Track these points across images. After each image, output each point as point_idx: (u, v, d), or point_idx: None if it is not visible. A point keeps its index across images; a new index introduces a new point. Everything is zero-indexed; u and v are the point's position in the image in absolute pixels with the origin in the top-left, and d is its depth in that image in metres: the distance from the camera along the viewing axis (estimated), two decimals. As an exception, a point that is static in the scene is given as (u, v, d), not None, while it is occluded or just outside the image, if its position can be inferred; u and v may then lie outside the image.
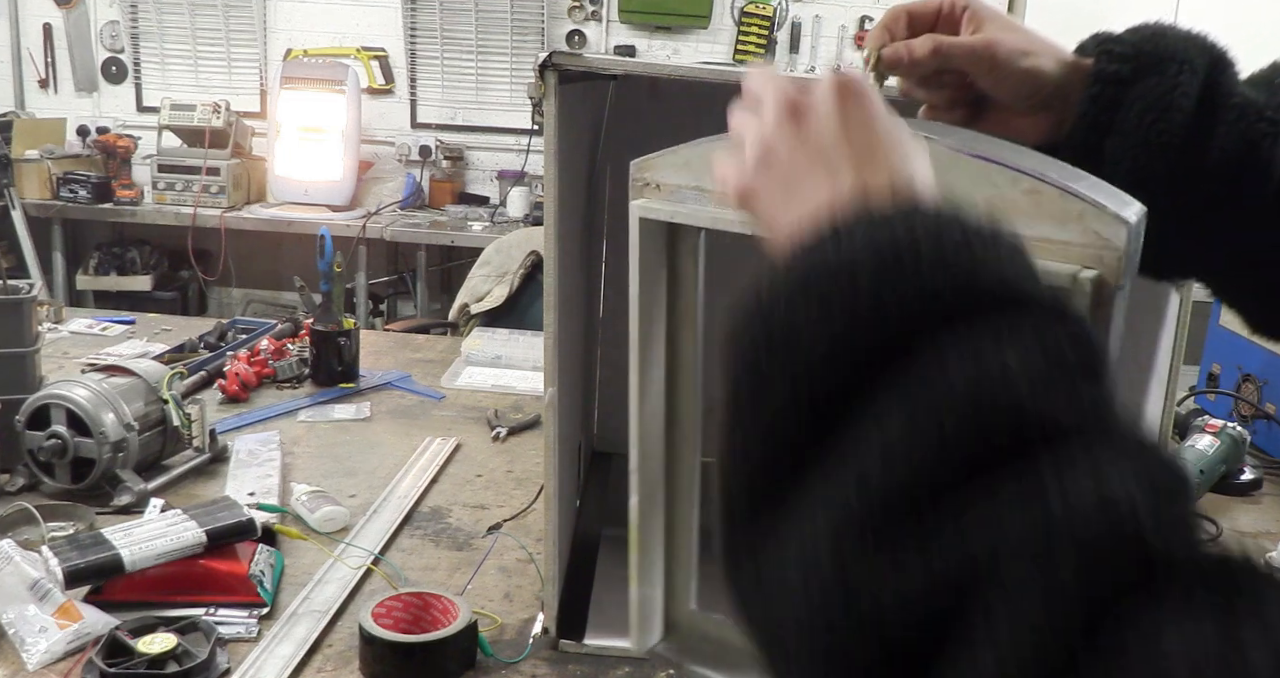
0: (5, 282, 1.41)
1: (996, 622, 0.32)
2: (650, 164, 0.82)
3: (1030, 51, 0.72)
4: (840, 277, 0.40)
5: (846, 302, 0.39)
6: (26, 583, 1.04)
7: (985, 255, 0.40)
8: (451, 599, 1.06)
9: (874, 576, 0.35)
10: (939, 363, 0.37)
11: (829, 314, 0.40)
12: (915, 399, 0.37)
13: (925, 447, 0.36)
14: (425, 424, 1.76)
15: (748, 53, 4.47)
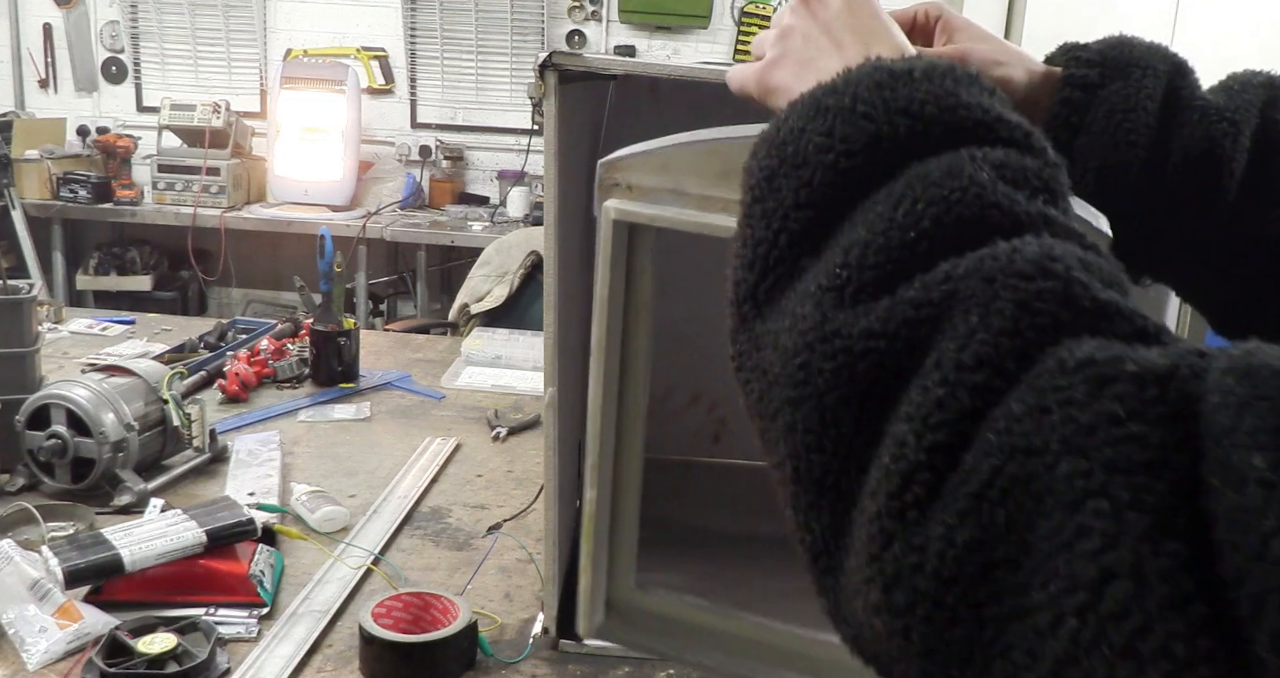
0: (5, 282, 1.41)
1: (943, 349, 0.37)
2: (621, 164, 0.81)
3: (1001, 61, 0.75)
4: (841, 92, 0.47)
5: (845, 112, 0.46)
6: (26, 583, 1.04)
7: (971, 92, 0.46)
8: (451, 599, 1.06)
9: (846, 320, 0.40)
10: (923, 171, 0.43)
11: (830, 123, 0.46)
12: (900, 196, 0.42)
13: (904, 230, 0.41)
14: (425, 424, 1.76)
15: (748, 53, 4.47)
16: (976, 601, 0.34)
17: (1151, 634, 0.29)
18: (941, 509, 0.35)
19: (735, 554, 1.33)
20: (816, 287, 0.43)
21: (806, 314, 0.42)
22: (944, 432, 0.36)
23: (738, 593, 1.22)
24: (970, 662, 0.34)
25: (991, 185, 0.42)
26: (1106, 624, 0.30)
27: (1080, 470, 0.32)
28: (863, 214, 0.43)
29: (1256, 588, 0.28)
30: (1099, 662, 0.30)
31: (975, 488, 0.34)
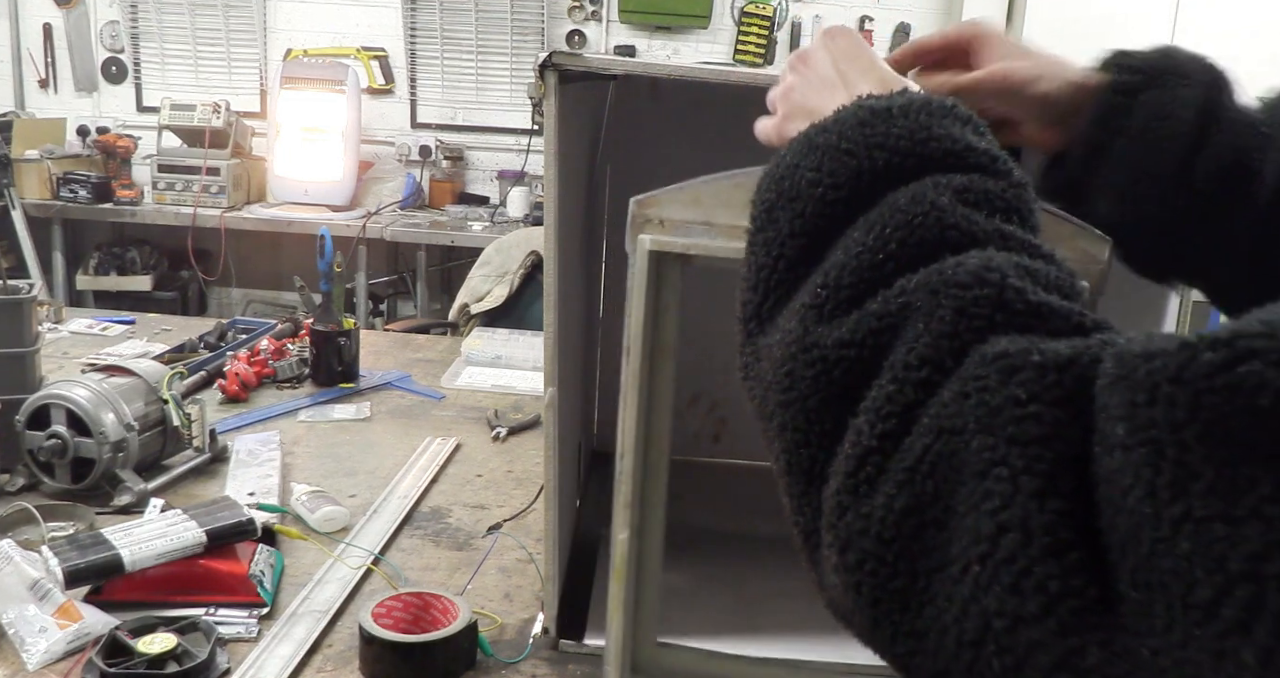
0: (5, 282, 1.41)
1: (896, 353, 0.44)
2: (654, 201, 0.86)
3: (1042, 76, 0.80)
4: (830, 131, 0.53)
5: (832, 149, 0.52)
6: (26, 583, 1.04)
7: (944, 124, 0.52)
8: (451, 599, 1.06)
9: (823, 333, 0.47)
10: (893, 199, 0.49)
11: (819, 160, 0.52)
12: (872, 223, 0.49)
13: (874, 253, 0.48)
14: (425, 424, 1.76)
15: (748, 53, 4.47)
16: (911, 557, 0.40)
17: (1032, 575, 0.35)
18: (884, 483, 0.41)
19: (735, 554, 1.34)
20: (801, 305, 0.49)
21: (792, 328, 0.48)
22: (893, 421, 0.42)
23: (734, 590, 1.23)
24: (907, 608, 0.40)
25: (951, 208, 0.48)
26: (999, 568, 0.36)
27: (988, 445, 0.38)
28: (843, 240, 0.50)
29: (1119, 536, 0.34)
30: (992, 599, 0.36)
31: (910, 463, 0.41)
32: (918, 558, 0.40)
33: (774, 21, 4.47)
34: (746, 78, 1.00)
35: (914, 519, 0.40)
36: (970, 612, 0.37)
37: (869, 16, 4.49)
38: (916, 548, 0.40)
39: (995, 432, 0.38)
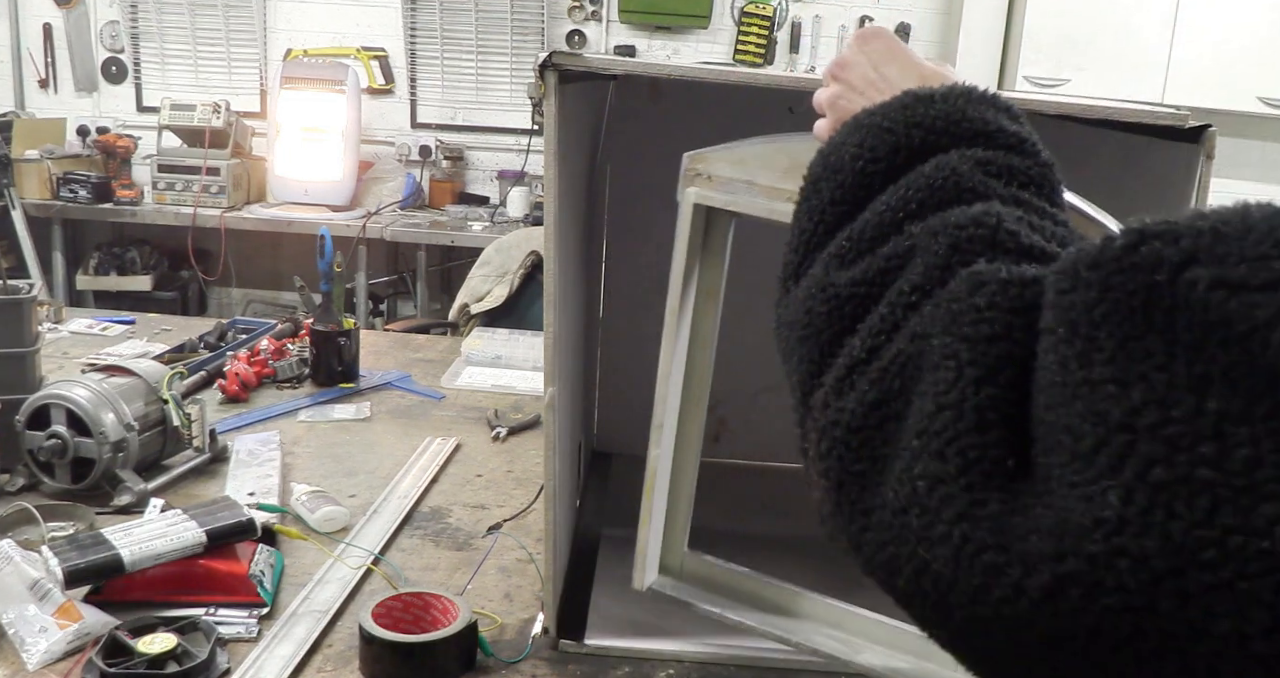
0: (5, 282, 1.41)
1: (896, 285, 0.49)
2: (704, 157, 0.94)
3: None
4: (875, 113, 0.58)
5: (875, 128, 0.57)
6: (26, 583, 1.04)
7: (979, 109, 0.57)
8: (451, 599, 1.06)
9: (839, 274, 0.52)
10: (922, 168, 0.54)
11: (863, 137, 0.57)
12: (899, 187, 0.54)
13: (895, 211, 0.52)
14: (425, 424, 1.76)
15: (748, 53, 4.47)
16: (873, 444, 0.45)
17: (955, 444, 0.41)
18: (861, 382, 0.47)
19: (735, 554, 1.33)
20: (826, 254, 0.54)
21: (815, 274, 0.54)
22: (881, 338, 0.47)
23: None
24: (865, 488, 0.45)
25: (970, 174, 0.53)
26: (931, 439, 0.42)
27: (946, 343, 0.43)
28: (873, 203, 0.55)
29: (1038, 413, 0.39)
30: (920, 465, 0.42)
31: (885, 363, 0.46)
32: (878, 445, 0.45)
33: (774, 21, 4.47)
34: (746, 78, 1.00)
35: (880, 411, 0.45)
36: (903, 480, 0.43)
37: (869, 17, 4.48)
38: (879, 437, 0.45)
39: (953, 332, 0.43)
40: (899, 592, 0.44)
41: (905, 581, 0.43)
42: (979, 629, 0.39)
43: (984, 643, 0.40)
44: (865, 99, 0.68)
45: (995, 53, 4.30)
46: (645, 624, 1.14)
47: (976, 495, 0.39)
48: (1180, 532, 0.32)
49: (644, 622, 1.14)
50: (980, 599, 0.38)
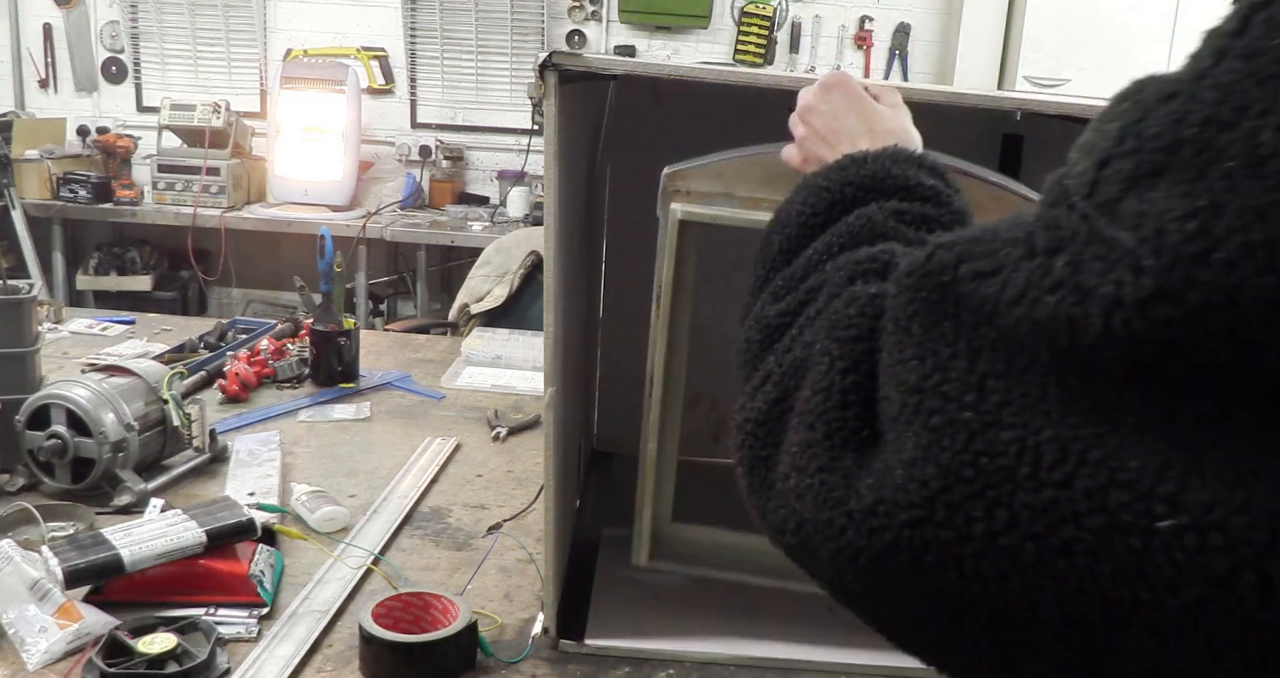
0: (5, 282, 1.41)
1: (808, 311, 0.57)
2: (682, 173, 1.03)
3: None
4: (819, 176, 0.70)
5: (817, 188, 0.68)
6: (26, 583, 1.04)
7: (902, 167, 0.68)
8: (451, 599, 1.06)
9: (771, 308, 0.61)
10: (845, 220, 0.64)
11: (806, 196, 0.68)
12: (828, 234, 0.63)
13: (820, 255, 0.62)
14: (425, 424, 1.76)
15: (748, 53, 4.47)
16: (774, 433, 0.54)
17: (823, 417, 0.49)
18: (767, 386, 0.56)
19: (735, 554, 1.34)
20: (766, 293, 0.63)
21: (756, 310, 0.63)
22: (787, 353, 0.56)
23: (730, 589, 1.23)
24: (769, 470, 0.53)
25: (884, 221, 0.63)
26: (806, 416, 0.51)
27: (824, 345, 0.52)
28: (806, 249, 0.64)
29: (885, 388, 0.47)
30: (799, 436, 0.51)
31: (785, 368, 0.55)
32: (777, 434, 0.53)
33: (774, 21, 4.47)
34: (746, 78, 1.00)
35: (779, 406, 0.54)
36: (785, 452, 0.52)
37: (869, 16, 4.48)
38: (778, 427, 0.54)
39: (830, 336, 0.52)
40: (789, 549, 0.52)
41: (790, 535, 0.51)
42: (840, 567, 0.47)
43: (848, 583, 0.48)
44: (825, 144, 0.82)
45: (995, 53, 4.30)
46: (645, 624, 1.14)
47: (836, 455, 0.48)
48: (948, 459, 0.41)
49: (644, 622, 1.14)
50: (832, 535, 0.46)
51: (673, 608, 1.19)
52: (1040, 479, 0.39)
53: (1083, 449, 0.38)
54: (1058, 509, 0.39)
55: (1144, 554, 0.37)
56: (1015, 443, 0.40)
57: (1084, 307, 0.38)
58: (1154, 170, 0.38)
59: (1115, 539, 0.37)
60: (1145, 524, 0.37)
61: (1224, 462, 0.36)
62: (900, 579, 0.43)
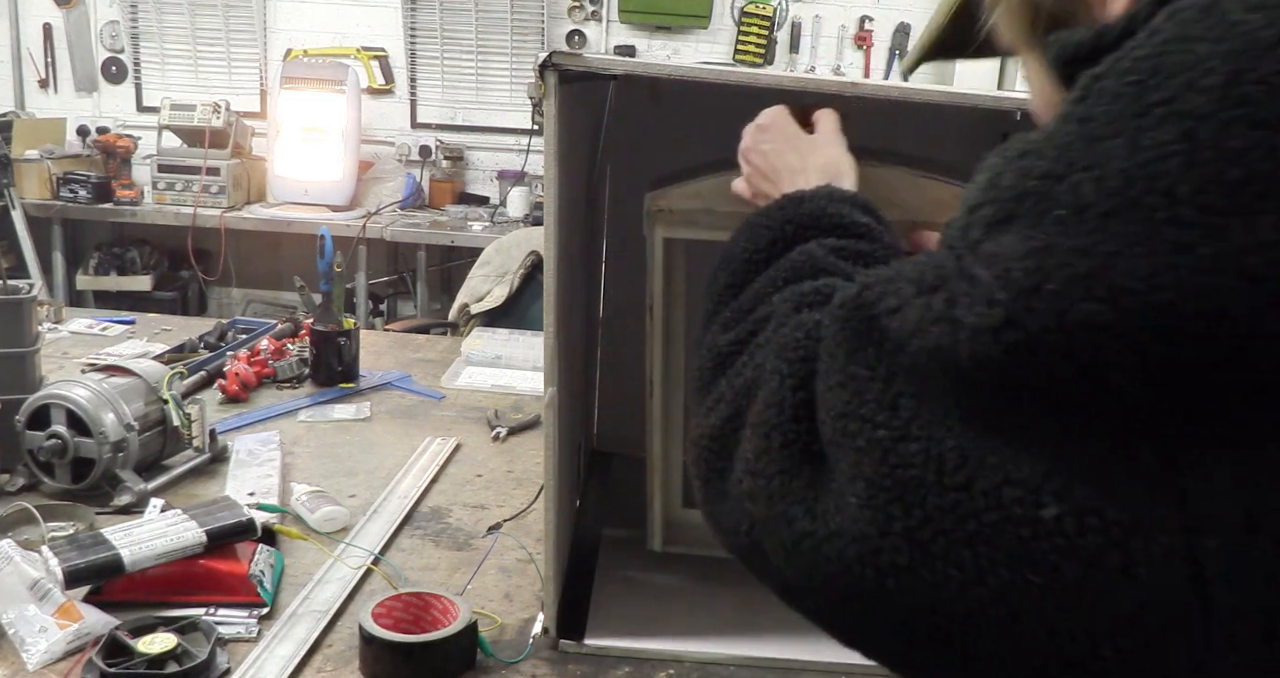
0: (5, 282, 1.41)
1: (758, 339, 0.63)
2: (664, 195, 1.11)
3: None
4: (760, 215, 0.77)
5: (760, 226, 0.75)
6: (26, 583, 1.04)
7: (837, 206, 0.75)
8: (451, 599, 1.06)
9: (721, 337, 0.67)
10: (789, 256, 0.70)
11: (750, 235, 0.75)
12: (772, 269, 0.70)
13: (767, 288, 0.68)
14: (425, 424, 1.76)
15: (748, 53, 4.47)
16: (728, 446, 0.59)
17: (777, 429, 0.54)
18: (720, 405, 0.61)
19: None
20: (716, 324, 0.69)
21: (707, 340, 0.68)
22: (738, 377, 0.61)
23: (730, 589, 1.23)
24: (723, 479, 0.59)
25: (824, 257, 0.69)
26: (759, 427, 0.56)
27: (775, 365, 0.57)
28: (753, 282, 0.70)
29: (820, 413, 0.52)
30: (751, 446, 0.56)
31: (737, 388, 0.61)
32: (731, 447, 0.59)
33: (774, 21, 4.47)
34: (746, 78, 1.00)
35: (732, 423, 0.59)
36: (739, 460, 0.57)
37: (869, 16, 4.48)
38: (732, 440, 0.59)
39: (780, 357, 0.57)
40: (741, 550, 0.58)
41: (742, 535, 0.57)
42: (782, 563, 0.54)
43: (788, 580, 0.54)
44: (768, 181, 0.88)
45: (995, 53, 4.29)
46: (645, 624, 1.14)
47: (789, 466, 0.53)
48: (870, 472, 0.47)
49: (644, 622, 1.14)
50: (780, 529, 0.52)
51: (673, 608, 1.19)
52: (944, 483, 0.45)
53: (980, 456, 0.44)
54: (960, 508, 0.44)
55: (1032, 541, 0.42)
56: (921, 454, 0.45)
57: (955, 336, 0.44)
58: (1006, 217, 0.44)
59: (1008, 530, 0.43)
60: (1033, 514, 0.42)
61: (1096, 464, 0.42)
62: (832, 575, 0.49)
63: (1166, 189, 0.39)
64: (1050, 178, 0.42)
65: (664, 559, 1.31)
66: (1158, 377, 0.40)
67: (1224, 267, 0.38)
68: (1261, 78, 0.38)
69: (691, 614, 1.17)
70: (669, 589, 1.25)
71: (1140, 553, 0.40)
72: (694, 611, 1.18)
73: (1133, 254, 0.39)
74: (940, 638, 0.46)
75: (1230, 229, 0.38)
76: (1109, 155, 0.41)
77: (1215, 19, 0.41)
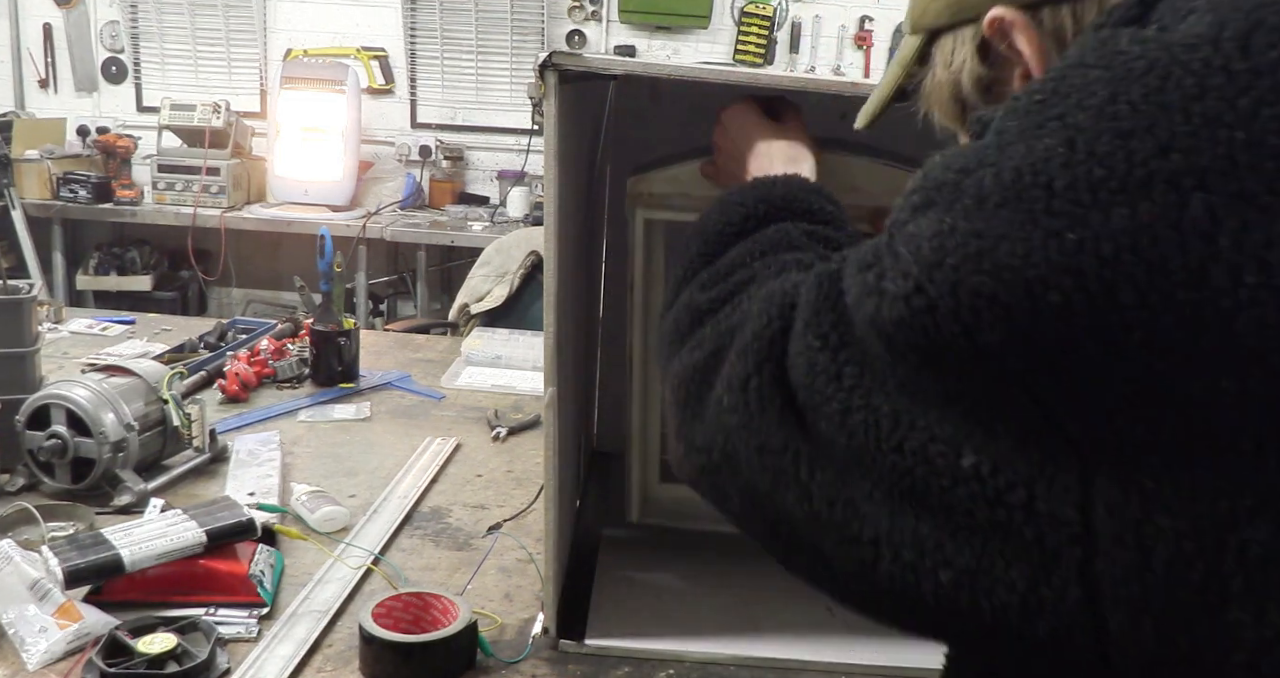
0: (5, 282, 1.41)
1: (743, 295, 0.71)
2: (644, 178, 1.18)
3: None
4: (733, 193, 0.86)
5: (734, 204, 0.84)
6: (26, 583, 1.04)
7: (806, 194, 0.85)
8: (451, 599, 1.06)
9: (702, 295, 0.75)
10: (765, 230, 0.80)
11: (723, 210, 0.84)
12: (749, 241, 0.79)
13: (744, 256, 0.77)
14: (425, 424, 1.76)
15: (748, 53, 4.47)
16: (710, 374, 0.67)
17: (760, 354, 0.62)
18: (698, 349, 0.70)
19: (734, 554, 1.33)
20: (693, 286, 0.77)
21: (683, 299, 0.77)
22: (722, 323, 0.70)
23: (730, 589, 1.23)
24: (701, 400, 0.67)
25: (799, 237, 0.78)
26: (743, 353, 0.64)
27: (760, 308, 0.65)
28: (730, 251, 0.79)
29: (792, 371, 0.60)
30: (738, 368, 0.64)
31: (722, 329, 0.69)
32: (712, 374, 0.67)
33: (774, 21, 4.47)
34: (746, 78, 1.00)
35: (716, 357, 0.68)
36: (721, 381, 0.65)
37: (869, 16, 4.48)
38: (714, 369, 0.67)
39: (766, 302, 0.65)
40: (711, 467, 0.65)
41: (716, 452, 0.64)
42: (760, 472, 0.60)
43: (757, 483, 0.61)
44: (734, 163, 0.98)
45: (995, 53, 4.29)
46: (645, 624, 1.14)
47: (764, 379, 0.61)
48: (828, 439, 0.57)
49: (644, 622, 1.14)
50: (750, 438, 0.61)
51: (673, 608, 1.19)
52: (883, 447, 0.53)
53: (910, 419, 0.52)
54: (898, 468, 0.52)
55: (950, 490, 0.50)
56: (863, 424, 0.54)
57: (881, 303, 0.52)
58: (927, 203, 0.51)
59: (932, 481, 0.51)
60: (954, 465, 0.50)
61: (1004, 421, 0.49)
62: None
63: (1046, 184, 0.47)
64: (963, 172, 0.50)
65: (664, 559, 1.31)
66: (1026, 337, 0.47)
67: (1084, 249, 0.45)
68: (1130, 99, 0.46)
69: (691, 614, 1.17)
70: (669, 589, 1.25)
71: (1041, 490, 0.48)
72: (694, 611, 1.18)
73: (1015, 237, 0.47)
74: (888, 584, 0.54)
75: (1091, 219, 0.45)
76: (1009, 156, 0.49)
77: (1107, 50, 0.49)
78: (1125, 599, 0.46)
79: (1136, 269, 0.44)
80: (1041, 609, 0.48)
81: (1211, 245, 0.43)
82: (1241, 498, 0.44)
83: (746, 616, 1.18)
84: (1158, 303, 0.44)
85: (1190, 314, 0.44)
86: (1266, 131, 0.44)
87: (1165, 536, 0.45)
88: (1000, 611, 0.49)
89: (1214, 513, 0.44)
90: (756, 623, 1.16)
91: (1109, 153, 0.46)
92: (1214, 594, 0.45)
